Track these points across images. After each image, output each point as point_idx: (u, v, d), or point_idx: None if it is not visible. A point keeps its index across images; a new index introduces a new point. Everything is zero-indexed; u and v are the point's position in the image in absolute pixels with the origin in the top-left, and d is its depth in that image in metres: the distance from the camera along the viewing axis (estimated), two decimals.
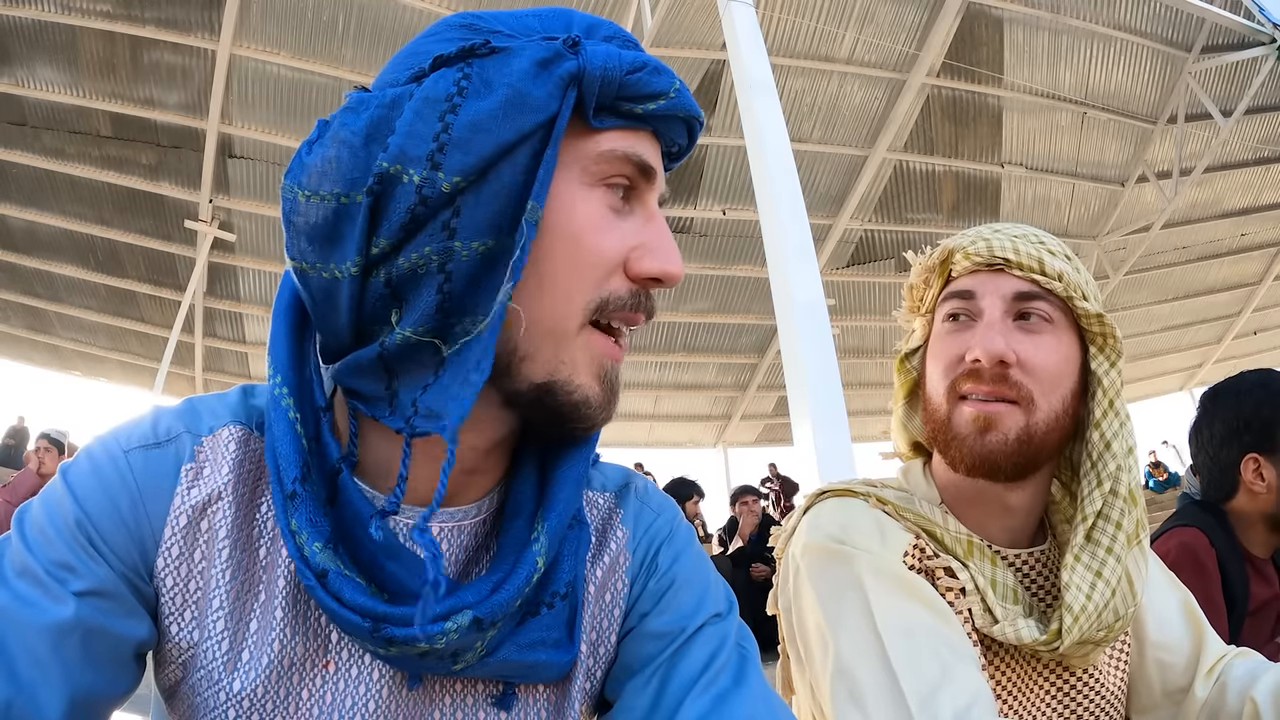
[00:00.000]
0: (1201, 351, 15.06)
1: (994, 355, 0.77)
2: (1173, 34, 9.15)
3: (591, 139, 0.50)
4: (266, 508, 0.54)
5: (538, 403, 0.50)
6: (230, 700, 0.50)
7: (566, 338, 0.50)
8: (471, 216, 0.46)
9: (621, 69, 0.49)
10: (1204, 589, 1.28)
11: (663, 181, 0.55)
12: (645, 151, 0.52)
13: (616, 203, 0.52)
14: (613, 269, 0.51)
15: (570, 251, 0.49)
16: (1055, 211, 10.92)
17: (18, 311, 11.30)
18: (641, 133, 0.52)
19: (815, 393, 3.67)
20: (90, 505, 0.50)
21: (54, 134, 8.76)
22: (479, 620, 0.47)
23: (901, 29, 8.56)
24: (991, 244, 0.83)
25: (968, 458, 0.79)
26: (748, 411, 13.94)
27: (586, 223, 0.50)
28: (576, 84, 0.48)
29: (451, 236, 0.46)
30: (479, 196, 0.46)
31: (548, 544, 0.52)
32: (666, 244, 0.52)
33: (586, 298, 0.50)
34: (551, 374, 0.50)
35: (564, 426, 0.52)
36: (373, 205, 0.46)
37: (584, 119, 0.50)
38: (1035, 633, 0.76)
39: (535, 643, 0.53)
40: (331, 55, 7.95)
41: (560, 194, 0.49)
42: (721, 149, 9.39)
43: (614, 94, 0.49)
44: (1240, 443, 1.39)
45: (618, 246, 0.51)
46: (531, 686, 0.57)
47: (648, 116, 0.51)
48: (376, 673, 0.53)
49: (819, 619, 0.77)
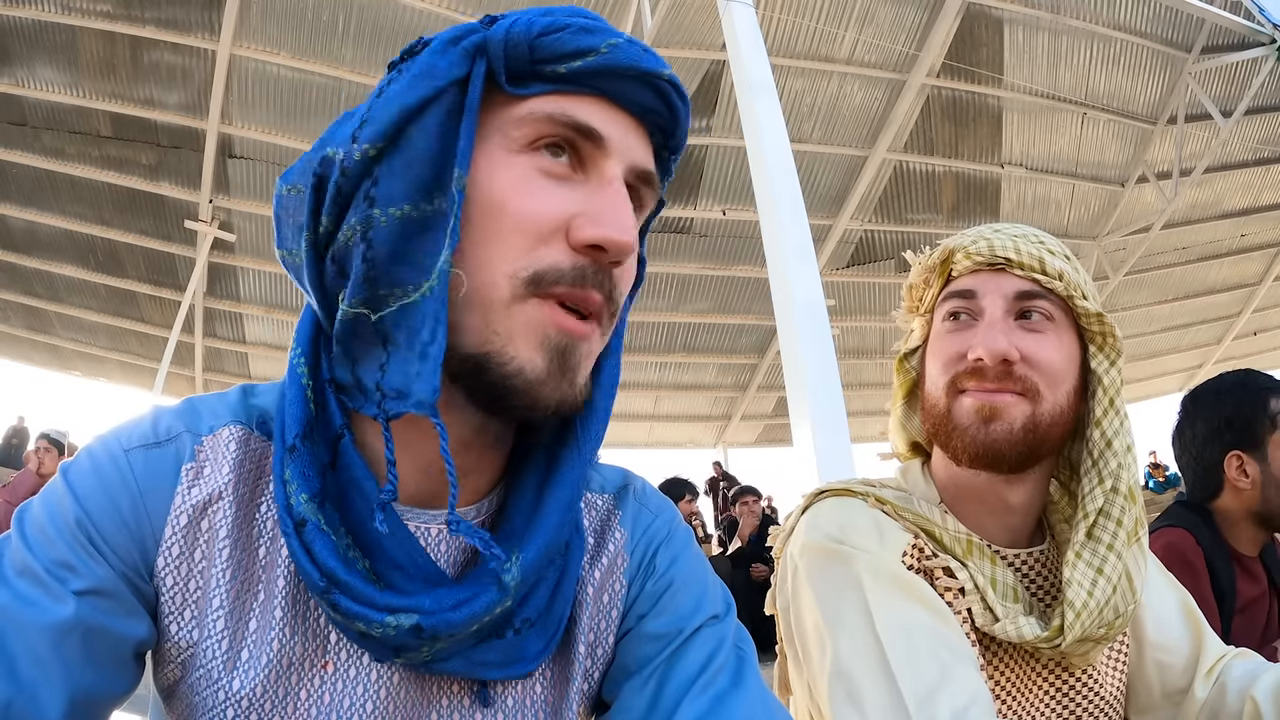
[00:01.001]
0: (1201, 352, 15.06)
1: (997, 354, 0.77)
2: (1173, 34, 9.16)
3: (513, 105, 0.50)
4: (266, 507, 0.54)
5: (474, 378, 0.49)
6: (229, 699, 0.50)
7: (494, 308, 0.48)
8: (389, 185, 0.48)
9: (531, 32, 0.49)
10: (1194, 588, 1.29)
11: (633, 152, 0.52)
12: (582, 113, 0.50)
13: (554, 167, 0.50)
14: (544, 235, 0.48)
15: (489, 216, 0.48)
16: (1055, 212, 10.92)
17: (18, 311, 11.30)
18: (582, 96, 0.50)
19: (815, 393, 3.68)
20: (90, 504, 0.50)
21: (54, 134, 8.76)
22: (419, 628, 0.47)
23: (901, 29, 8.56)
24: (993, 243, 0.83)
25: (971, 447, 0.79)
26: (747, 412, 13.94)
27: (508, 188, 0.49)
28: (484, 52, 0.49)
29: (372, 205, 0.48)
30: (393, 165, 0.48)
31: (520, 575, 0.51)
32: (612, 210, 0.49)
33: (513, 266, 0.48)
34: (482, 345, 0.48)
35: (508, 405, 0.49)
36: (316, 186, 0.50)
37: (501, 87, 0.50)
38: (1037, 629, 0.76)
39: (489, 662, 0.53)
40: (331, 55, 7.94)
41: (481, 162, 0.49)
42: (721, 149, 9.39)
43: (527, 57, 0.49)
44: (1222, 441, 1.41)
45: (548, 211, 0.48)
46: (529, 689, 0.57)
47: (578, 76, 0.50)
48: (374, 673, 0.53)
49: (817, 619, 0.77)
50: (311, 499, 0.49)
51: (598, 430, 0.56)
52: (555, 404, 0.49)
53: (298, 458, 0.50)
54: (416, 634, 0.48)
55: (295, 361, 0.53)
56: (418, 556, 0.51)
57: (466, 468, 0.55)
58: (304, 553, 0.48)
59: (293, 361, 0.53)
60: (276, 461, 0.51)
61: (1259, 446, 1.37)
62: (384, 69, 0.54)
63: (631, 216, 0.50)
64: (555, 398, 0.49)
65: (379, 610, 0.47)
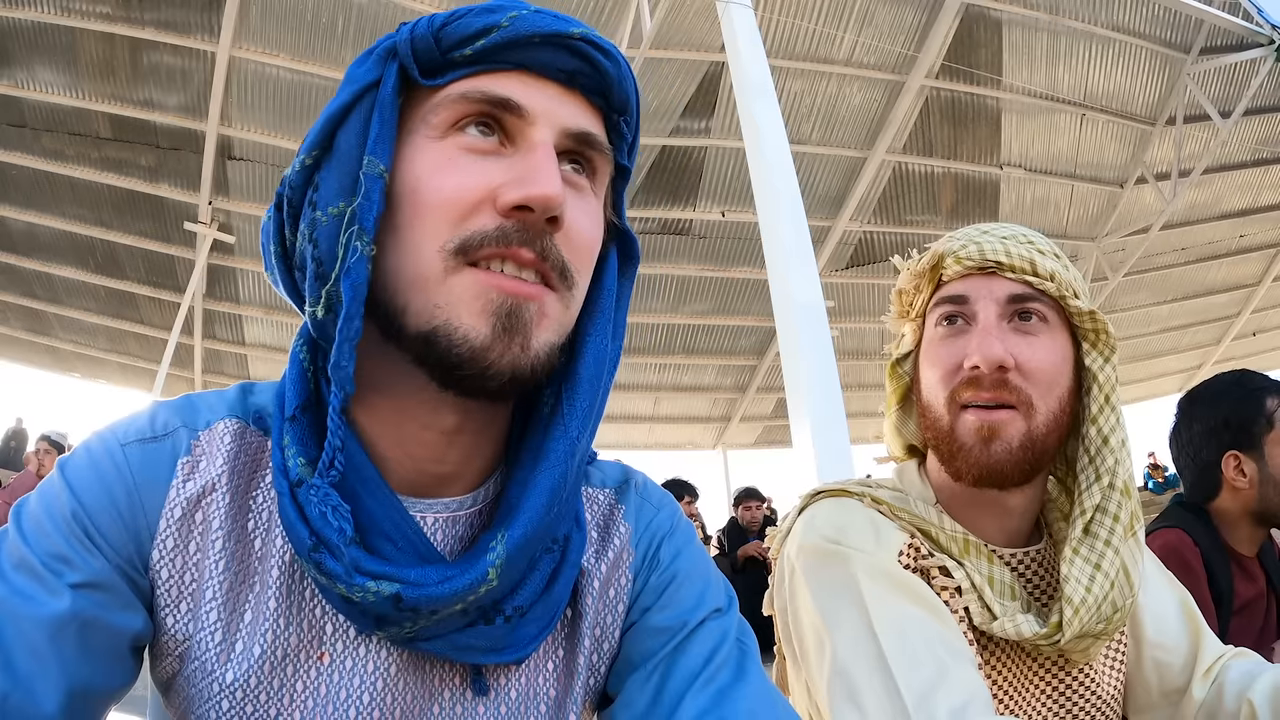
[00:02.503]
0: (1200, 353, 15.05)
1: (993, 361, 0.77)
2: (1171, 35, 9.16)
3: (431, 95, 0.52)
4: (262, 499, 0.54)
5: (430, 356, 0.49)
6: (223, 691, 0.51)
7: (431, 282, 0.49)
8: (327, 187, 0.51)
9: (434, 25, 0.52)
10: (1193, 588, 1.29)
11: (563, 117, 0.53)
12: (497, 87, 0.51)
13: (479, 144, 0.51)
14: (467, 209, 0.49)
15: (412, 199, 0.50)
16: (1054, 213, 10.91)
17: (17, 313, 11.29)
18: (496, 73, 0.52)
19: (814, 394, 3.68)
20: (87, 498, 0.50)
21: (53, 136, 8.75)
22: (399, 598, 0.48)
23: (900, 31, 8.56)
24: (983, 247, 0.83)
25: (974, 469, 0.79)
26: (747, 413, 13.93)
27: (427, 170, 0.51)
28: (393, 55, 0.53)
29: (314, 209, 0.52)
30: (329, 169, 0.52)
31: (505, 557, 0.50)
32: (534, 170, 0.49)
33: (441, 239, 0.49)
34: (429, 320, 0.49)
35: (461, 376, 0.49)
36: (278, 205, 0.55)
37: (417, 81, 0.52)
38: (1035, 627, 0.76)
39: (474, 647, 0.53)
40: (331, 57, 7.94)
41: (404, 154, 0.52)
42: (721, 151, 9.39)
43: (435, 49, 0.51)
44: (1220, 441, 1.42)
45: (468, 184, 0.50)
46: (533, 681, 0.57)
47: (485, 55, 0.51)
48: (371, 665, 0.53)
49: (815, 619, 0.77)
50: (309, 463, 0.50)
51: (585, 403, 0.55)
52: (509, 368, 0.49)
53: (296, 425, 0.52)
54: (395, 604, 0.48)
55: (297, 347, 0.55)
56: (409, 530, 0.52)
57: (456, 457, 0.56)
58: (295, 512, 0.49)
59: (295, 349, 0.56)
60: (275, 430, 0.53)
61: (1256, 446, 1.37)
62: None
63: (556, 174, 0.50)
64: (506, 361, 0.49)
65: (361, 574, 0.48)
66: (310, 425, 0.52)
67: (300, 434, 0.51)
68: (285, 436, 0.52)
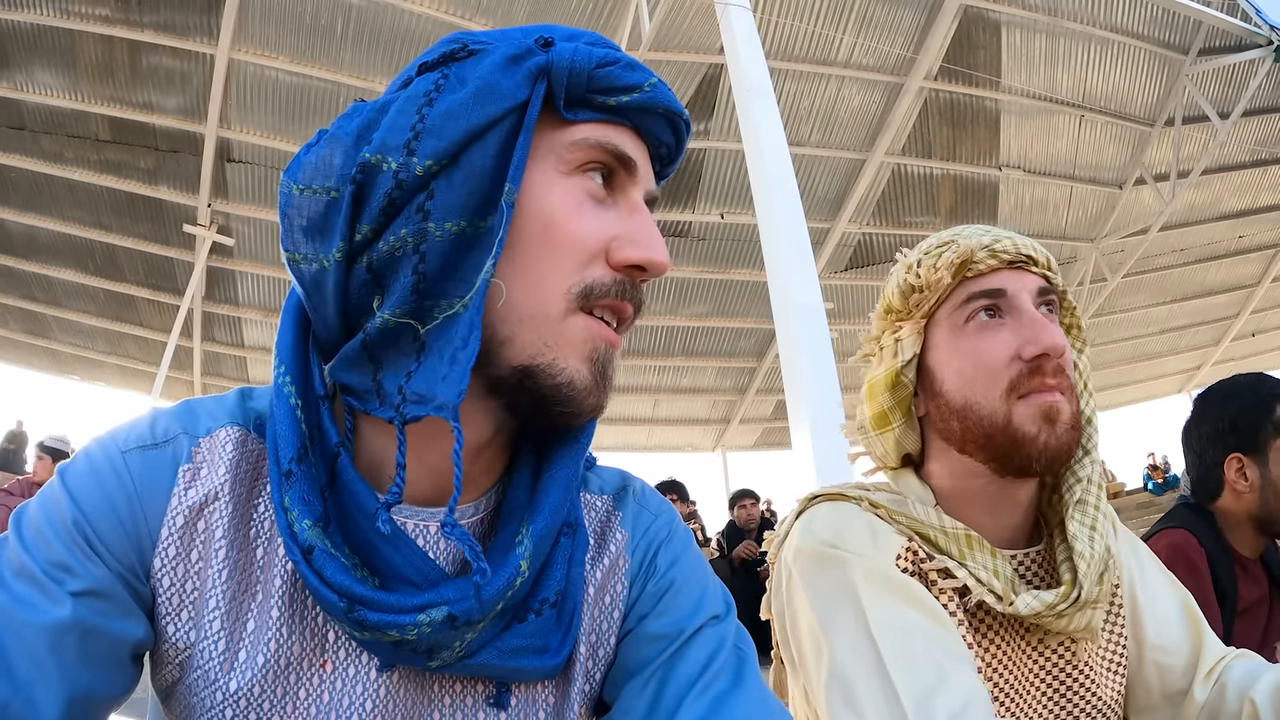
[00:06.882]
0: (1200, 354, 15.07)
1: (1060, 347, 0.79)
2: (1170, 36, 9.17)
3: (565, 130, 0.52)
4: (264, 507, 0.54)
5: (521, 387, 0.51)
6: (226, 700, 0.51)
7: (549, 321, 0.50)
8: (445, 199, 0.49)
9: (590, 63, 0.52)
10: (1197, 589, 1.29)
11: (649, 179, 0.56)
12: (622, 143, 0.53)
13: (597, 191, 0.53)
14: (592, 255, 0.52)
15: (544, 234, 0.50)
16: (1053, 214, 10.92)
17: (16, 316, 11.28)
18: (619, 126, 0.54)
19: (813, 396, 3.68)
20: (87, 506, 0.50)
21: (53, 138, 8.75)
22: (453, 618, 0.48)
23: (899, 32, 8.57)
24: (1015, 242, 0.85)
25: (1041, 455, 0.78)
26: (746, 415, 13.93)
27: (561, 207, 0.51)
28: (545, 76, 0.51)
29: (426, 219, 0.49)
30: (451, 180, 0.49)
31: (532, 548, 0.52)
32: (649, 234, 0.53)
33: (568, 282, 0.51)
34: (534, 357, 0.50)
35: (550, 412, 0.51)
36: (355, 194, 0.49)
37: (556, 111, 0.52)
38: (1050, 597, 0.77)
39: (519, 649, 0.53)
40: (330, 59, 7.94)
41: (535, 181, 0.51)
42: (720, 153, 9.39)
43: (584, 86, 0.52)
44: (1225, 443, 1.42)
45: (596, 233, 0.52)
46: (530, 688, 0.57)
47: (621, 109, 0.53)
48: (374, 672, 0.53)
49: (812, 623, 0.77)
50: (315, 523, 0.49)
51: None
52: (592, 410, 0.53)
53: (295, 483, 0.50)
54: (451, 624, 0.48)
55: (280, 383, 0.53)
56: (422, 565, 0.51)
57: (478, 469, 0.57)
58: (316, 578, 0.48)
59: (278, 383, 0.53)
60: (274, 486, 0.50)
61: (1260, 451, 1.37)
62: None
63: (661, 239, 0.54)
64: (593, 404, 0.52)
65: (409, 612, 0.48)
66: (310, 477, 0.50)
67: (302, 492, 0.49)
68: (285, 497, 0.49)
